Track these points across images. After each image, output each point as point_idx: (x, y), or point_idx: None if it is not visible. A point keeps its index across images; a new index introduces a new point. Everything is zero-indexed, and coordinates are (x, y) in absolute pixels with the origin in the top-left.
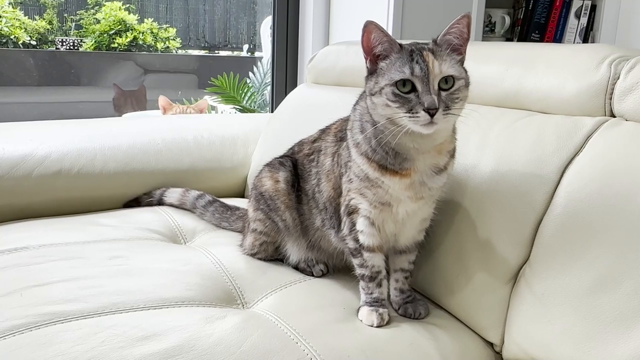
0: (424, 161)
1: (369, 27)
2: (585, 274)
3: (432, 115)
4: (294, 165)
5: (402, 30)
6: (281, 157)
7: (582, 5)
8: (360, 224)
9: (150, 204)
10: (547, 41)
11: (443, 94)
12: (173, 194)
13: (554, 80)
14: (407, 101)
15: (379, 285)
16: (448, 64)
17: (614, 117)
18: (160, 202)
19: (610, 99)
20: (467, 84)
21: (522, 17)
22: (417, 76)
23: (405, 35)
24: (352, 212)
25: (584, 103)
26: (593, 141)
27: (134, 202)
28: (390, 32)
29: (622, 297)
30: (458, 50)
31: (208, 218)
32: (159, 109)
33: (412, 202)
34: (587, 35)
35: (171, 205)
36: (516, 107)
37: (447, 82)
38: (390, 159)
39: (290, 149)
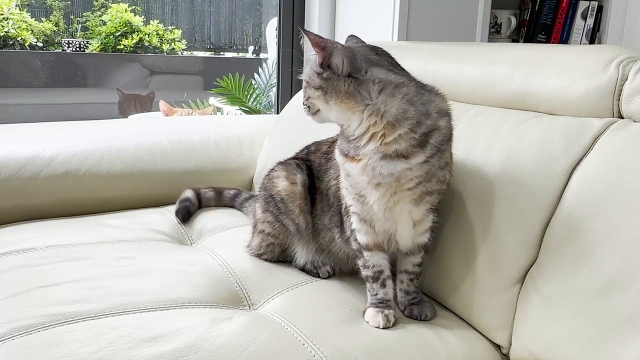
0: (369, 146)
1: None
2: (594, 276)
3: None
4: (309, 168)
5: (408, 29)
6: (296, 158)
7: (588, 6)
8: (354, 222)
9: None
10: (554, 42)
11: None
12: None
13: (561, 81)
14: None
15: (383, 285)
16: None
17: (622, 118)
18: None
19: (619, 100)
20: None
21: (528, 18)
22: None
23: (411, 34)
24: (348, 211)
25: (591, 104)
26: (601, 142)
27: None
28: (396, 30)
29: (631, 300)
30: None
31: None
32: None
33: (373, 189)
34: (593, 36)
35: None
36: (523, 108)
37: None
38: (349, 145)
39: (306, 148)
